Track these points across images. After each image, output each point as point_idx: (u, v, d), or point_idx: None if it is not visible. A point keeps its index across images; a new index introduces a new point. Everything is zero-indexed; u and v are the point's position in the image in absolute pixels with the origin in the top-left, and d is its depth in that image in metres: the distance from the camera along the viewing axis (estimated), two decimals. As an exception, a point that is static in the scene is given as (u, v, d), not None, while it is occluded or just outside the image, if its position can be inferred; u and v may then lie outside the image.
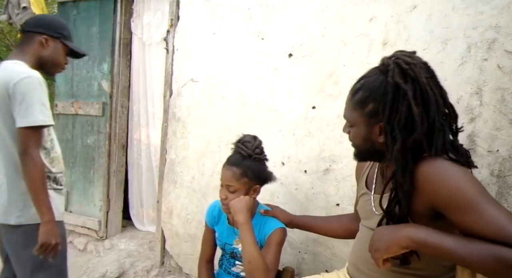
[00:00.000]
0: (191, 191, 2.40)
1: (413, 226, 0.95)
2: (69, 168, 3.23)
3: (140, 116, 3.18)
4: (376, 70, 1.05)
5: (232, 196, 1.46)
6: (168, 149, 2.54)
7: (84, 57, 3.00)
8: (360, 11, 1.72)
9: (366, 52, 1.70)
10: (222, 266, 1.69)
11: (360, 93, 1.05)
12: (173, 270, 2.61)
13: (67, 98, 3.20)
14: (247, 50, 2.11)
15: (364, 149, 1.10)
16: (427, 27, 1.54)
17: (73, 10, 3.13)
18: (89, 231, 3.14)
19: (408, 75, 0.96)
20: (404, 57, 1.00)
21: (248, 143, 1.51)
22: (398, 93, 0.96)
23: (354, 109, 1.07)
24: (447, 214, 0.91)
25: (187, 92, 2.40)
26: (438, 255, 0.90)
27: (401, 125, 0.96)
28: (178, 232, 2.50)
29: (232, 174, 1.46)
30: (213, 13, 2.25)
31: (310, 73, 1.88)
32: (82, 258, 3.04)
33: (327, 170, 1.82)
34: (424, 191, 0.95)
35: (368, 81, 1.04)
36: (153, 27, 2.85)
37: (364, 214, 1.22)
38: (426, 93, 0.96)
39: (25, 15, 3.26)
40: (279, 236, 1.49)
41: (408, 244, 0.91)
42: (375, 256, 0.98)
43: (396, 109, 0.97)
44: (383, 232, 0.98)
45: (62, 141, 3.25)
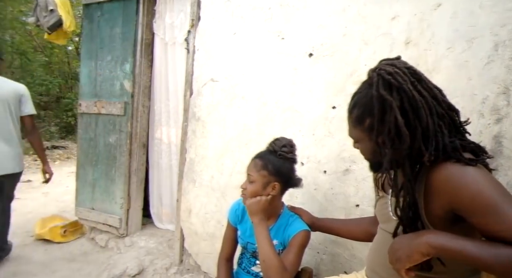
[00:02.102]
0: (210, 190, 2.42)
1: (432, 232, 0.92)
2: (92, 166, 3.30)
3: (161, 115, 3.22)
4: (365, 84, 1.05)
5: (250, 186, 1.49)
6: (188, 148, 2.56)
7: (107, 58, 3.10)
8: (382, 10, 1.70)
9: (388, 51, 1.68)
10: (241, 265, 1.70)
11: (356, 111, 1.05)
12: (191, 269, 2.63)
13: (91, 97, 3.27)
14: (267, 50, 2.11)
15: (375, 161, 1.10)
16: (452, 26, 1.50)
17: (97, 12, 3.20)
18: (110, 228, 3.21)
19: (391, 85, 0.96)
20: (386, 67, 0.99)
21: (278, 141, 1.55)
22: (384, 105, 0.96)
23: (354, 127, 1.08)
24: (468, 217, 0.89)
25: (207, 92, 2.42)
26: (460, 260, 0.87)
27: (391, 137, 0.96)
28: (197, 231, 2.52)
29: (254, 164, 1.50)
30: (233, 13, 2.26)
31: (330, 73, 1.86)
32: (104, 254, 3.11)
33: (347, 171, 1.80)
34: (442, 195, 0.93)
35: (360, 97, 1.05)
36: (176, 28, 2.89)
37: (382, 217, 1.20)
38: (414, 100, 0.94)
39: (52, 17, 3.36)
40: (302, 238, 1.49)
41: (429, 250, 0.88)
42: (397, 266, 0.95)
43: (383, 121, 0.97)
44: (402, 241, 0.96)
45: (85, 140, 3.33)
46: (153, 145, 3.31)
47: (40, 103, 10.66)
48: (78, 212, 3.43)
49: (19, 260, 3.02)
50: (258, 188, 1.48)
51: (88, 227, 3.51)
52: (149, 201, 3.43)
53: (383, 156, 1.00)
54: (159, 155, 3.28)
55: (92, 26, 3.25)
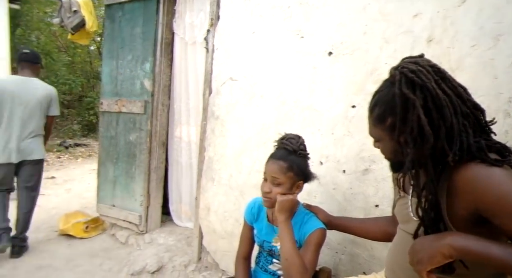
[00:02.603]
0: (229, 189, 2.43)
1: (455, 234, 0.90)
2: (113, 164, 3.37)
3: (181, 114, 3.26)
4: (387, 82, 1.03)
5: (276, 189, 1.47)
6: (207, 147, 2.58)
7: (128, 57, 3.16)
8: (404, 7, 1.67)
9: (410, 49, 1.65)
10: (259, 264, 1.70)
11: (377, 109, 1.03)
12: (209, 266, 2.65)
13: (112, 96, 3.33)
14: (286, 48, 2.10)
15: (396, 160, 1.09)
16: (477, 22, 1.46)
17: (118, 12, 3.26)
18: (130, 225, 3.26)
19: (415, 83, 0.93)
20: (409, 65, 0.97)
21: (292, 139, 1.53)
22: (407, 104, 0.94)
23: (375, 126, 1.06)
24: (493, 219, 0.87)
25: (226, 91, 2.43)
26: (484, 263, 0.85)
27: (414, 136, 0.94)
28: (215, 229, 2.54)
29: (279, 167, 1.47)
30: (252, 12, 2.27)
31: (350, 72, 1.84)
32: (124, 251, 3.16)
33: (366, 170, 1.78)
34: (466, 196, 0.90)
35: (381, 96, 1.03)
36: (196, 27, 2.91)
37: (402, 218, 1.18)
38: (438, 98, 0.92)
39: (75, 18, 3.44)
40: (319, 237, 1.48)
41: (451, 253, 0.86)
42: (418, 268, 0.93)
43: (406, 120, 0.95)
44: (424, 242, 0.94)
45: (107, 138, 3.40)
46: (172, 143, 3.35)
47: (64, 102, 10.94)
48: (99, 208, 3.50)
49: (44, 254, 3.11)
50: (286, 190, 1.48)
51: (109, 223, 3.59)
52: (168, 198, 3.47)
53: (405, 155, 0.98)
54: (179, 153, 3.31)
55: (114, 26, 3.31)
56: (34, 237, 3.46)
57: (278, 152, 1.52)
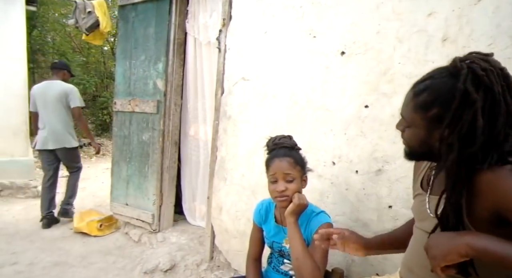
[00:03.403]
0: (241, 188, 2.44)
1: (473, 233, 0.89)
2: (126, 163, 3.41)
3: (196, 113, 3.28)
4: (445, 71, 0.97)
5: (291, 185, 1.48)
6: (219, 146, 2.59)
7: (141, 57, 3.19)
8: (418, 6, 1.65)
9: (424, 49, 1.63)
10: (271, 264, 1.71)
11: (425, 95, 0.98)
12: (222, 266, 2.67)
13: (125, 96, 3.37)
14: (299, 48, 2.09)
15: (420, 151, 1.05)
16: (494, 21, 1.43)
17: (131, 12, 3.29)
18: (143, 223, 3.30)
19: (482, 83, 0.89)
20: (480, 61, 0.92)
21: (284, 138, 1.59)
22: (466, 101, 0.89)
23: (415, 111, 1.01)
24: None
25: (238, 91, 2.44)
26: (500, 265, 0.83)
27: (461, 135, 0.90)
28: (228, 228, 2.55)
29: (288, 163, 1.49)
30: (264, 12, 2.27)
31: (363, 72, 1.83)
32: (137, 249, 3.20)
33: (380, 171, 1.76)
34: (488, 197, 0.89)
35: (435, 83, 0.97)
36: (210, 27, 2.92)
37: (419, 215, 1.16)
38: (498, 105, 0.88)
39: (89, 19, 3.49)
40: None
41: (467, 252, 0.85)
42: (432, 263, 0.92)
43: (459, 117, 0.90)
44: (440, 238, 0.93)
45: (120, 137, 3.44)
46: (186, 142, 3.37)
47: (78, 101, 11.08)
48: (113, 207, 3.55)
49: (60, 251, 3.17)
50: (299, 185, 1.52)
51: (122, 222, 3.63)
52: (180, 198, 3.50)
53: (446, 152, 0.94)
54: (194, 152, 3.33)
55: (127, 26, 3.34)
56: (51, 234, 3.53)
57: (278, 151, 1.54)
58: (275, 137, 1.60)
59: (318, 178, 1.96)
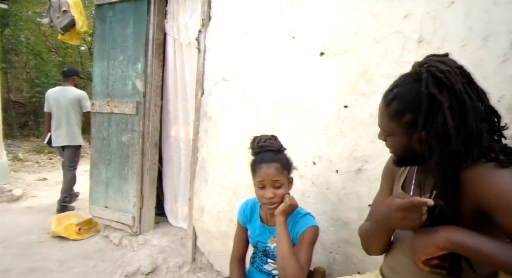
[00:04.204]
0: (222, 189, 2.43)
1: (453, 227, 0.92)
2: (105, 165, 3.35)
3: (174, 114, 3.25)
4: (408, 78, 1.01)
5: (279, 191, 1.48)
6: (200, 147, 2.58)
7: (119, 57, 3.14)
8: (394, 8, 1.68)
9: (400, 50, 1.66)
10: (254, 264, 1.71)
11: (396, 104, 1.01)
12: (204, 267, 2.65)
13: (103, 97, 3.31)
14: (278, 49, 2.10)
15: (405, 156, 1.08)
16: (466, 23, 1.48)
17: (109, 12, 3.23)
18: (123, 226, 3.25)
19: (443, 84, 0.93)
20: (437, 64, 0.96)
21: (270, 139, 1.57)
22: (433, 104, 0.93)
23: (390, 120, 1.04)
24: (493, 216, 0.89)
25: (218, 91, 2.43)
26: (478, 258, 0.87)
27: (438, 136, 0.94)
28: (209, 230, 2.54)
29: (276, 169, 1.48)
30: (244, 12, 2.26)
31: (342, 72, 1.85)
32: (117, 252, 3.15)
33: (359, 170, 1.79)
34: (470, 194, 0.92)
35: (402, 91, 1.01)
36: (190, 28, 2.90)
37: None
38: (463, 102, 0.92)
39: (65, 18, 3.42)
40: (312, 234, 1.50)
41: (446, 245, 0.89)
42: (413, 257, 0.97)
43: (431, 120, 0.94)
44: (422, 233, 0.97)
45: (99, 139, 3.38)
46: (167, 143, 3.34)
47: (54, 102, 10.81)
48: (92, 210, 3.48)
49: (36, 256, 3.09)
50: (287, 189, 1.52)
51: (102, 225, 3.57)
52: (162, 199, 3.46)
53: (428, 155, 0.97)
54: (174, 153, 3.30)
55: (104, 26, 3.28)
56: (26, 239, 3.44)
57: (265, 155, 1.52)
58: (260, 138, 1.57)
59: (299, 178, 1.97)
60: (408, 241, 1.01)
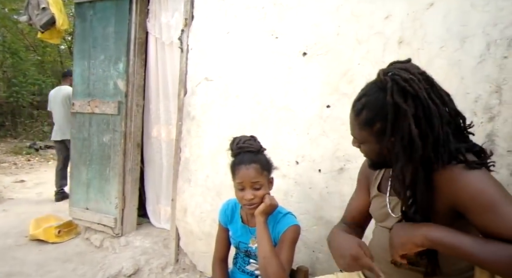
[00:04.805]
0: (205, 189, 2.42)
1: (430, 225, 0.95)
2: (86, 166, 3.29)
3: (156, 114, 3.22)
4: (375, 87, 1.03)
5: (259, 192, 1.48)
6: (183, 148, 2.56)
7: (100, 57, 3.09)
8: (375, 9, 1.71)
9: (382, 50, 1.69)
10: (236, 264, 1.70)
11: (365, 114, 1.03)
12: (187, 268, 2.63)
13: (84, 97, 3.25)
14: (261, 49, 2.11)
15: (379, 161, 1.10)
16: (445, 25, 1.51)
17: (89, 11, 3.18)
18: (105, 228, 3.20)
19: (407, 92, 0.95)
20: (401, 72, 0.97)
21: (249, 140, 1.56)
22: (399, 113, 0.95)
23: (361, 129, 1.06)
24: (467, 214, 0.92)
25: (201, 91, 2.41)
26: (454, 254, 0.89)
27: (404, 144, 0.96)
28: (193, 230, 2.52)
29: (255, 170, 1.47)
30: (227, 12, 2.26)
31: (324, 72, 1.87)
32: (99, 254, 3.10)
33: (342, 169, 1.81)
34: (444, 195, 0.95)
35: (369, 100, 1.02)
36: (172, 27, 2.87)
37: (379, 216, 1.21)
38: (428, 109, 0.94)
39: (44, 15, 3.33)
40: (293, 233, 1.51)
41: (423, 242, 0.91)
42: (391, 252, 0.99)
43: (398, 128, 0.96)
44: (400, 229, 0.99)
45: (79, 139, 3.32)
46: (149, 143, 3.31)
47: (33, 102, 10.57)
48: (72, 212, 3.41)
49: (14, 261, 3.00)
50: (267, 189, 1.51)
51: (82, 227, 3.50)
52: (144, 200, 3.42)
53: (395, 160, 1.00)
54: (157, 154, 3.27)
55: (85, 25, 3.22)
56: (2, 243, 3.34)
57: (244, 156, 1.51)
58: (239, 139, 1.56)
59: (282, 177, 1.98)
60: (387, 237, 1.03)
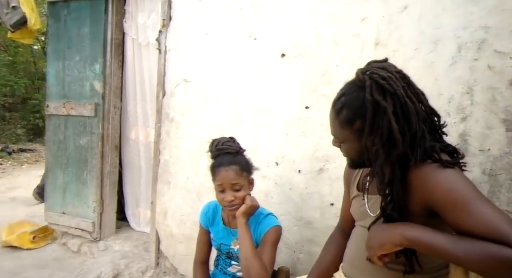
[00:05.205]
0: (186, 192, 2.40)
1: (407, 224, 0.97)
2: (62, 169, 3.21)
3: (134, 116, 3.17)
4: (354, 86, 1.04)
5: (239, 194, 1.48)
6: (162, 150, 2.53)
7: (76, 58, 3.02)
8: (352, 11, 1.73)
9: (359, 52, 1.71)
10: (218, 266, 1.70)
11: (345, 112, 1.04)
12: (168, 271, 2.61)
13: (59, 99, 3.17)
14: (240, 50, 2.11)
15: (359, 160, 1.11)
16: (419, 28, 1.55)
17: (63, 10, 3.10)
18: (83, 232, 3.13)
19: (386, 90, 0.96)
20: (379, 71, 0.99)
21: (228, 141, 1.56)
22: (378, 110, 0.97)
23: (342, 128, 1.07)
24: (441, 213, 0.93)
25: (180, 93, 2.40)
26: (430, 252, 0.91)
27: (384, 141, 0.97)
28: (173, 233, 2.50)
29: (235, 172, 1.48)
30: (205, 13, 2.25)
31: (303, 73, 1.88)
32: (76, 260, 3.03)
33: (321, 170, 1.83)
34: (418, 194, 0.97)
35: (349, 99, 1.04)
36: (149, 28, 2.84)
37: (359, 215, 1.23)
38: (406, 106, 0.96)
39: (14, 14, 3.23)
40: (274, 234, 1.51)
41: (401, 241, 0.93)
42: (369, 253, 1.01)
43: (377, 125, 0.98)
44: (377, 230, 1.01)
45: (55, 142, 3.24)
46: (128, 146, 3.25)
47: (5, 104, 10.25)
48: (48, 216, 3.32)
49: (-14, 269, 2.90)
50: (247, 190, 1.52)
51: (59, 232, 3.41)
52: (123, 204, 3.37)
53: (374, 158, 1.01)
54: (135, 156, 3.22)
55: (59, 25, 3.14)
56: (-26, 251, 3.22)
57: (223, 158, 1.51)
58: (218, 141, 1.56)
59: (263, 178, 1.98)
60: (365, 238, 1.05)
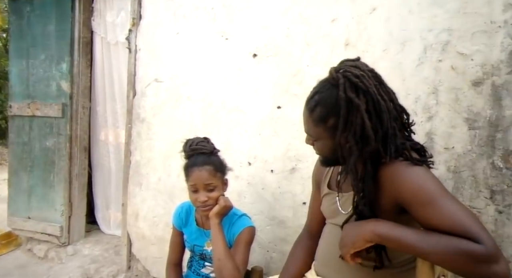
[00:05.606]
0: (158, 193, 2.36)
1: (377, 220, 0.99)
2: (27, 172, 3.09)
3: (103, 117, 3.09)
4: (327, 84, 1.06)
5: (213, 194, 1.47)
6: (133, 151, 2.48)
7: (41, 56, 2.91)
8: (322, 12, 1.76)
9: (329, 52, 1.74)
10: (191, 268, 1.68)
11: (318, 110, 1.05)
12: (140, 274, 2.56)
13: (23, 99, 3.05)
14: (212, 50, 2.09)
15: (333, 158, 1.12)
16: (387, 29, 1.59)
17: (26, 7, 2.98)
18: (49, 237, 3.02)
19: (359, 88, 0.99)
20: (352, 69, 1.02)
21: (202, 142, 1.55)
22: (351, 107, 0.99)
23: (316, 126, 1.08)
24: (410, 209, 0.96)
25: (151, 93, 2.35)
26: (399, 248, 0.94)
27: (357, 138, 0.99)
28: (145, 235, 2.45)
29: (208, 172, 1.47)
30: (176, 12, 2.22)
31: (274, 73, 1.89)
32: (43, 266, 2.92)
33: (293, 169, 1.85)
34: (388, 191, 1.00)
35: (322, 97, 1.05)
36: (118, 27, 2.78)
37: (330, 213, 1.25)
38: (378, 104, 0.99)
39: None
40: (248, 235, 1.52)
41: (372, 237, 0.95)
42: (342, 251, 1.02)
43: (351, 122, 0.99)
44: (349, 228, 1.03)
45: (18, 144, 3.11)
46: (97, 147, 3.17)
47: (-36, 104, 9.74)
48: (11, 222, 3.18)
49: None
50: (221, 191, 1.51)
51: (24, 238, 3.27)
52: (93, 206, 3.28)
53: (347, 155, 1.03)
54: (105, 158, 3.14)
55: (22, 22, 3.02)
56: None
57: (197, 158, 1.51)
58: (192, 141, 1.55)
59: (235, 178, 1.98)
60: (337, 234, 1.06)
